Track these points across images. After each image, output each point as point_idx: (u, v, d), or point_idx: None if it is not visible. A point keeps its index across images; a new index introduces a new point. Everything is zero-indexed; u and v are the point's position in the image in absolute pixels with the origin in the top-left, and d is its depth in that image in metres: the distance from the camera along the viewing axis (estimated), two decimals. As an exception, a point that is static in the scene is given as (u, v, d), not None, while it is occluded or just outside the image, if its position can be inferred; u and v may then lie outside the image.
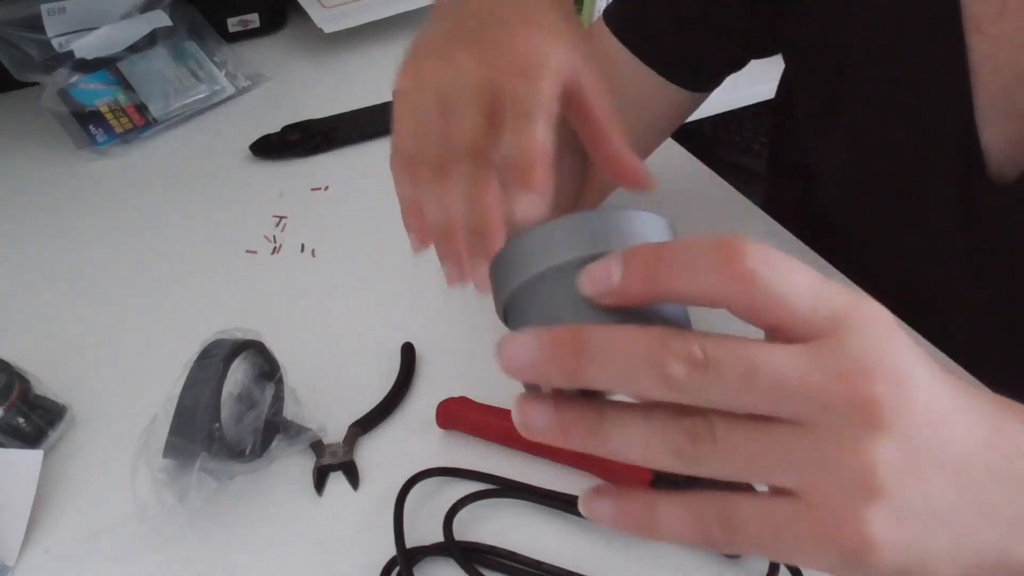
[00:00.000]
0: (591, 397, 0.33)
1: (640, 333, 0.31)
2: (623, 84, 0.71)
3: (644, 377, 0.30)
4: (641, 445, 0.31)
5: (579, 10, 1.75)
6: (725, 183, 0.88)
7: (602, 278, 0.32)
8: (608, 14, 0.72)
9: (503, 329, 0.76)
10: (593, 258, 0.33)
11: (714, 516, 0.32)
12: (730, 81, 0.78)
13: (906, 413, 0.30)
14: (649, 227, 0.35)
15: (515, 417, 0.33)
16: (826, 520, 0.30)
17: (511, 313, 0.36)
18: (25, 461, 0.60)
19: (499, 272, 0.36)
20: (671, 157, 0.91)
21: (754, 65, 0.77)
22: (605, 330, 0.31)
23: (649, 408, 0.32)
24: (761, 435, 0.31)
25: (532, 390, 0.35)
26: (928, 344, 0.63)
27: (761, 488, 0.32)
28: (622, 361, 0.30)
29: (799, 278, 0.31)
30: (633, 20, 0.71)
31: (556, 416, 0.32)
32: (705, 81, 0.73)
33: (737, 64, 0.75)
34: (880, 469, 0.30)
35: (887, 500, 0.30)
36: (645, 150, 0.76)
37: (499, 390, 0.65)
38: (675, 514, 0.32)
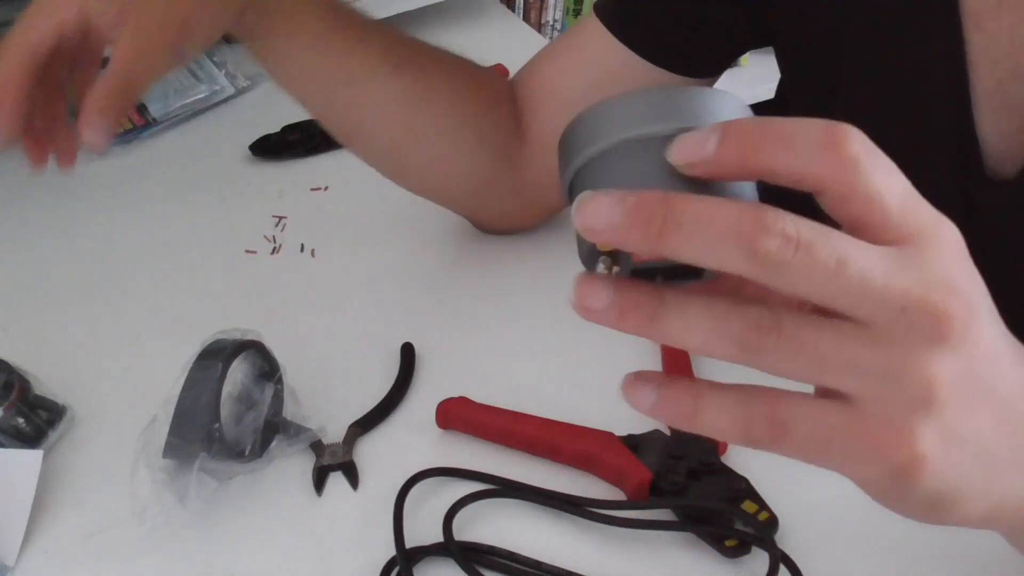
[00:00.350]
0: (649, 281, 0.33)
1: (733, 204, 0.29)
2: (616, 76, 0.71)
3: (732, 249, 0.29)
4: (702, 331, 0.30)
5: (579, 10, 1.75)
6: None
7: (696, 146, 0.31)
8: (599, 7, 0.72)
9: (503, 329, 0.76)
10: (677, 133, 0.31)
11: (762, 412, 0.31)
12: (730, 81, 0.78)
13: (972, 337, 0.31)
14: (733, 110, 0.33)
15: (574, 298, 0.32)
16: (881, 428, 0.30)
17: (581, 183, 0.34)
18: (25, 461, 0.60)
19: (573, 138, 0.34)
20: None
21: (754, 65, 0.77)
22: (694, 198, 0.30)
23: (711, 296, 0.31)
24: (830, 333, 0.30)
25: (590, 268, 0.34)
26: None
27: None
28: (712, 229, 0.29)
29: (896, 179, 0.31)
30: (624, 12, 0.71)
31: (616, 297, 0.31)
32: (702, 68, 0.73)
33: (734, 54, 0.75)
34: (940, 384, 0.30)
35: (940, 418, 0.30)
36: None
37: (499, 390, 0.65)
38: (720, 406, 0.31)
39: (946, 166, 0.61)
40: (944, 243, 0.31)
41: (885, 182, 0.30)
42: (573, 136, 0.34)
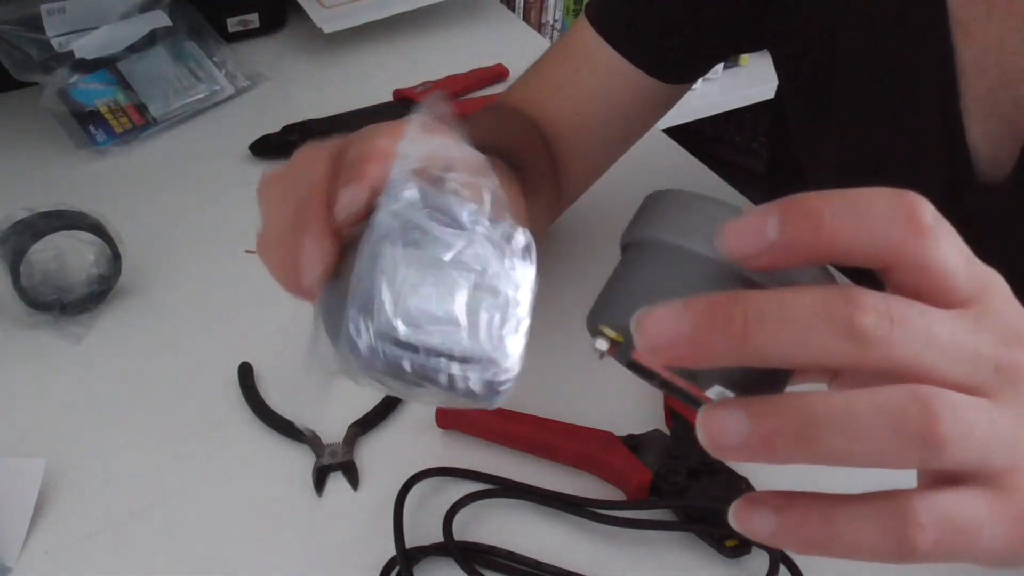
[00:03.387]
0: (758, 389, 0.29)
1: (811, 289, 0.27)
2: (602, 78, 0.71)
3: (826, 334, 0.26)
4: (875, 441, 0.27)
5: (579, 10, 1.75)
6: (725, 183, 0.88)
7: (754, 233, 0.27)
8: (589, 8, 0.72)
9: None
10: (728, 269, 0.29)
11: (916, 521, 0.27)
12: (730, 81, 0.78)
13: None
14: None
15: (702, 437, 0.27)
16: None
17: (637, 253, 0.32)
18: (27, 469, 0.60)
19: (655, 211, 0.32)
20: (671, 157, 0.91)
21: (754, 65, 0.77)
22: (769, 291, 0.27)
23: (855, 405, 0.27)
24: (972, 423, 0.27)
25: (593, 338, 0.31)
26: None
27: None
28: (801, 316, 0.26)
29: (959, 244, 0.30)
30: (614, 14, 0.70)
31: (752, 427, 0.27)
32: (683, 75, 0.73)
33: (716, 59, 0.75)
34: None
35: None
36: (624, 144, 0.76)
37: (499, 390, 0.65)
38: (860, 520, 0.27)
39: (937, 171, 0.61)
40: (999, 296, 0.30)
41: (954, 250, 0.29)
42: (657, 208, 0.32)
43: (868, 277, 0.30)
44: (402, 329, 0.34)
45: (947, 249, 0.29)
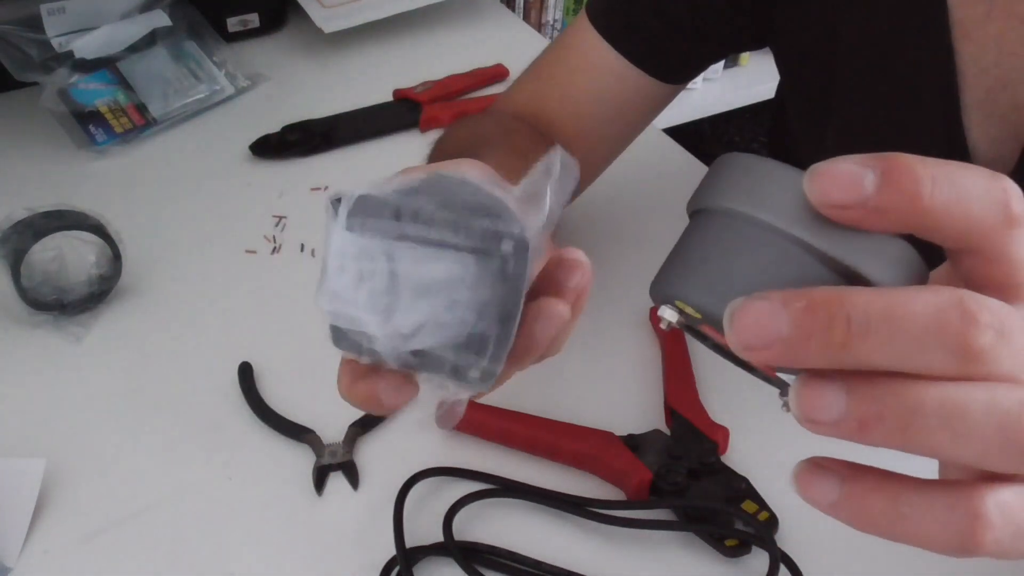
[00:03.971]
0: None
1: (920, 296, 0.24)
2: (602, 78, 0.71)
3: (936, 349, 0.24)
4: (986, 441, 0.25)
5: (579, 10, 1.76)
6: (725, 183, 0.88)
7: (850, 182, 0.26)
8: (589, 7, 0.72)
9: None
10: (836, 262, 0.27)
11: (990, 520, 0.26)
12: (730, 81, 0.78)
13: None
14: (911, 265, 0.29)
15: (794, 408, 0.26)
16: None
17: (715, 223, 0.30)
18: (28, 469, 0.60)
19: (734, 176, 0.30)
20: (671, 157, 0.91)
21: (754, 65, 0.77)
22: (874, 293, 0.25)
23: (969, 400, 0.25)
24: None
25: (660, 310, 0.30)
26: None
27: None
28: (911, 328, 0.24)
29: None
30: (614, 14, 0.70)
31: (851, 407, 0.25)
32: (681, 74, 0.73)
33: (718, 58, 0.75)
34: None
35: None
36: (623, 142, 0.76)
37: (499, 390, 0.65)
38: (929, 508, 0.26)
39: None
40: None
41: None
42: (737, 175, 0.30)
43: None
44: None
45: None
